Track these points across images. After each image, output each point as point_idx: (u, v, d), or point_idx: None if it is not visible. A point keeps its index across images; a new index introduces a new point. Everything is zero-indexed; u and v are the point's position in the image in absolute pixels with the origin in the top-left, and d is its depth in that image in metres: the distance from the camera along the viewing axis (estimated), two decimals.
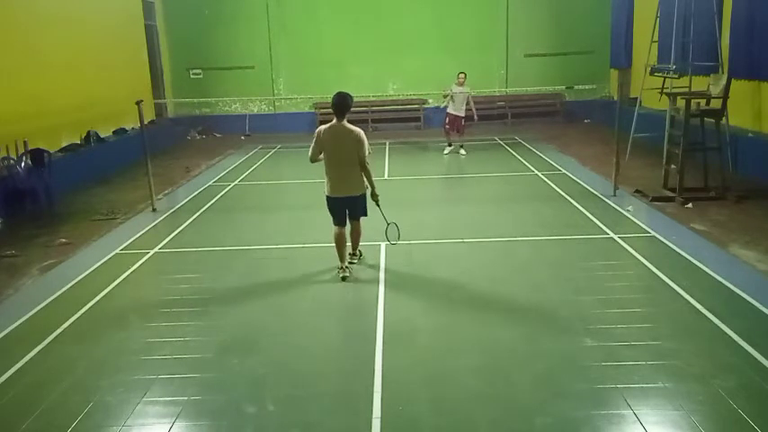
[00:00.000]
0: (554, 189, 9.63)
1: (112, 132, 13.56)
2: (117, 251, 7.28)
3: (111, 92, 13.30)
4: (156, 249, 7.34)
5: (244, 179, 11.46)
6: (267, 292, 5.90)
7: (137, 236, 7.92)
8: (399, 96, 17.39)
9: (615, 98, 12.84)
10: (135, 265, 6.78)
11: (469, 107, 12.93)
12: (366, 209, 6.22)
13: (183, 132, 17.15)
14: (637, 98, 12.66)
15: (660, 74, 11.78)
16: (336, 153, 5.94)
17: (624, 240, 6.98)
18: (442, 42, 17.50)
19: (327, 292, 5.85)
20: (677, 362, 4.30)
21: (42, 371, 4.52)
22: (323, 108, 17.65)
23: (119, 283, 6.25)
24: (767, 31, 9.40)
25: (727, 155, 9.57)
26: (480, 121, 17.31)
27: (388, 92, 17.45)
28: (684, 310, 5.17)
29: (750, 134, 10.24)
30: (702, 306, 5.16)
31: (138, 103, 9.07)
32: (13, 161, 9.28)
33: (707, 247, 6.68)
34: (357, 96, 6.51)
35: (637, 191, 9.13)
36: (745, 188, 8.91)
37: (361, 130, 5.90)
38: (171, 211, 9.19)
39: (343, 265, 6.13)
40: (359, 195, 6.08)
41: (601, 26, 16.71)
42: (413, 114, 17.98)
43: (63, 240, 7.72)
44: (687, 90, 10.31)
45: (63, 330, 5.18)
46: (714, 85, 9.13)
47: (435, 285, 5.90)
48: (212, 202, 9.70)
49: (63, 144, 11.52)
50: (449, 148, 13.26)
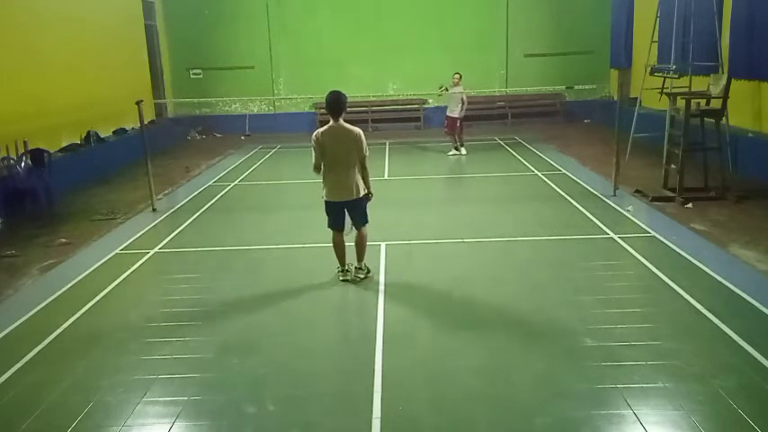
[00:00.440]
0: (554, 189, 9.64)
1: (112, 132, 13.56)
2: (117, 251, 7.28)
3: (111, 92, 13.30)
4: (156, 249, 7.34)
5: (244, 179, 11.46)
6: (267, 292, 5.89)
7: (137, 236, 7.92)
8: (399, 96, 17.39)
9: (615, 98, 12.85)
10: (135, 265, 6.77)
11: (463, 107, 12.83)
12: (366, 214, 6.02)
13: (183, 132, 17.16)
14: (637, 98, 12.66)
15: (660, 74, 11.79)
16: (336, 155, 5.72)
17: (624, 240, 6.98)
18: (442, 42, 17.50)
19: (327, 292, 5.84)
20: (677, 362, 4.30)
21: (42, 371, 4.52)
22: (323, 108, 17.53)
23: (119, 283, 6.25)
24: (767, 31, 9.41)
25: (727, 155, 9.58)
26: (480, 120, 17.43)
27: (388, 92, 17.46)
28: (684, 310, 5.17)
29: (750, 134, 10.24)
30: (702, 306, 5.16)
31: (138, 103, 9.07)
32: (13, 161, 9.28)
33: (707, 247, 6.68)
34: (357, 96, 6.49)
35: (637, 191, 9.13)
36: (745, 188, 8.91)
37: (360, 131, 5.73)
38: (171, 211, 9.20)
39: (343, 267, 6.07)
40: (359, 198, 5.86)
41: (601, 26, 16.72)
42: (413, 114, 17.99)
43: (63, 240, 7.72)
44: (687, 90, 10.31)
45: (63, 330, 5.18)
46: (714, 85, 9.13)
47: (435, 285, 5.90)
48: (212, 202, 9.70)
49: (63, 144, 11.53)
50: (454, 150, 13.19)
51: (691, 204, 8.33)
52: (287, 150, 14.75)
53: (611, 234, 7.24)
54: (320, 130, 5.78)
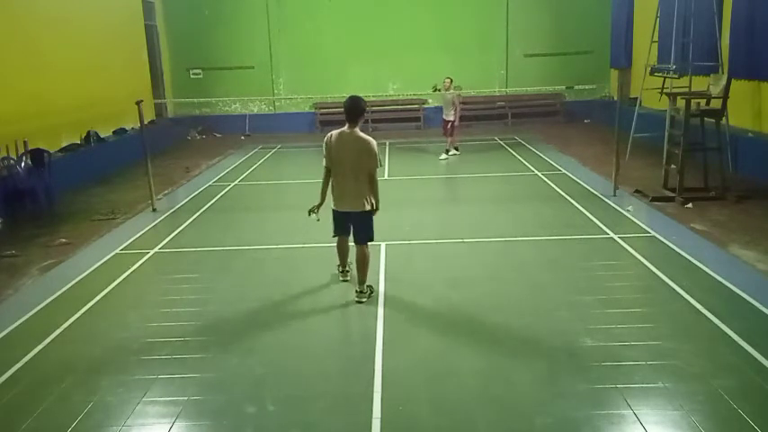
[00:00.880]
0: (554, 189, 9.63)
1: (112, 132, 13.56)
2: (117, 251, 7.28)
3: (111, 92, 13.30)
4: (156, 249, 7.34)
5: (244, 179, 11.45)
6: (267, 292, 5.89)
7: (137, 236, 7.92)
8: (399, 96, 17.39)
9: (615, 98, 12.85)
10: (135, 265, 6.77)
11: (455, 110, 12.85)
12: (372, 231, 5.63)
13: (183, 132, 17.15)
14: (637, 98, 12.66)
15: (660, 74, 11.79)
16: (342, 162, 5.43)
17: (624, 240, 6.98)
18: (442, 42, 17.50)
19: (327, 292, 5.84)
20: (677, 362, 4.30)
21: (42, 371, 4.52)
22: (323, 108, 17.68)
23: (119, 283, 6.25)
24: (767, 31, 9.41)
25: (727, 155, 9.58)
26: (480, 121, 17.44)
27: (388, 92, 17.45)
28: (684, 310, 5.17)
29: (750, 134, 10.24)
30: (702, 306, 5.16)
31: (138, 103, 9.06)
32: (13, 161, 9.28)
33: (707, 247, 6.68)
34: None
35: (637, 191, 9.13)
36: (745, 188, 8.91)
37: (373, 141, 5.39)
38: (171, 211, 9.19)
39: (344, 268, 6.02)
40: (363, 212, 5.52)
41: (601, 26, 16.72)
42: (413, 114, 17.99)
43: (63, 240, 7.72)
44: (687, 90, 10.31)
45: (63, 330, 5.18)
46: (714, 85, 9.13)
47: (435, 285, 5.89)
48: (212, 202, 9.70)
49: (63, 144, 11.53)
50: (444, 154, 13.15)
51: (691, 204, 8.32)
52: (287, 150, 14.76)
53: (611, 234, 7.24)
54: (332, 133, 5.52)
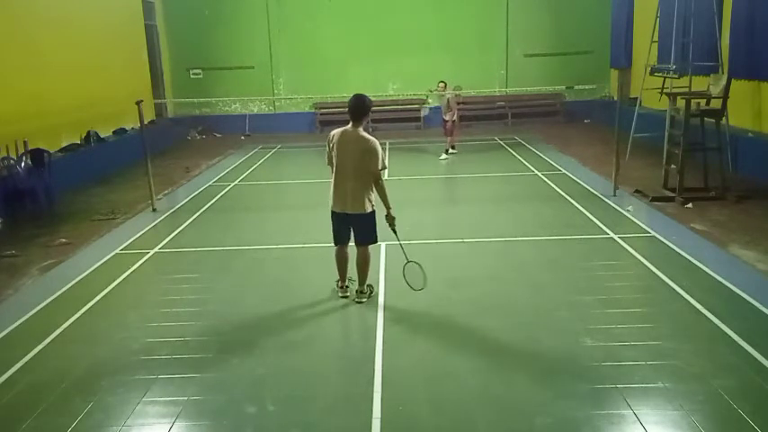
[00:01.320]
0: (554, 189, 9.64)
1: (112, 132, 13.56)
2: (117, 251, 7.28)
3: (111, 92, 13.30)
4: (156, 249, 7.34)
5: (244, 179, 11.46)
6: (267, 293, 5.89)
7: (137, 236, 7.92)
8: (399, 96, 17.40)
9: (615, 98, 12.85)
10: (135, 265, 6.77)
11: (452, 111, 12.96)
12: (375, 233, 5.49)
13: (183, 132, 17.15)
14: (637, 98, 12.67)
15: (660, 74, 11.79)
16: (342, 161, 5.30)
17: (624, 240, 6.98)
18: (442, 42, 17.51)
19: (327, 292, 5.83)
20: (677, 362, 4.30)
21: (42, 371, 4.52)
22: (323, 108, 17.68)
23: (119, 283, 6.25)
24: (767, 31, 9.41)
25: (727, 155, 9.58)
26: (480, 121, 17.45)
27: (388, 92, 17.46)
28: (684, 310, 5.17)
29: (750, 134, 10.24)
30: (702, 306, 5.16)
31: (138, 103, 9.06)
32: (13, 161, 9.28)
33: (707, 247, 6.68)
34: None
35: (637, 191, 9.13)
36: (745, 188, 8.91)
37: (375, 141, 5.28)
38: (171, 211, 9.20)
39: (343, 283, 5.70)
40: (363, 215, 5.36)
41: (601, 26, 16.72)
42: (413, 114, 17.99)
43: (63, 240, 7.72)
44: (687, 90, 10.32)
45: (63, 330, 5.18)
46: (714, 85, 9.13)
47: (435, 285, 5.88)
48: (212, 202, 9.70)
49: (63, 144, 11.53)
50: (444, 154, 13.16)
51: (691, 204, 8.32)
52: (287, 150, 14.74)
53: (611, 234, 7.24)
54: (336, 130, 5.42)
